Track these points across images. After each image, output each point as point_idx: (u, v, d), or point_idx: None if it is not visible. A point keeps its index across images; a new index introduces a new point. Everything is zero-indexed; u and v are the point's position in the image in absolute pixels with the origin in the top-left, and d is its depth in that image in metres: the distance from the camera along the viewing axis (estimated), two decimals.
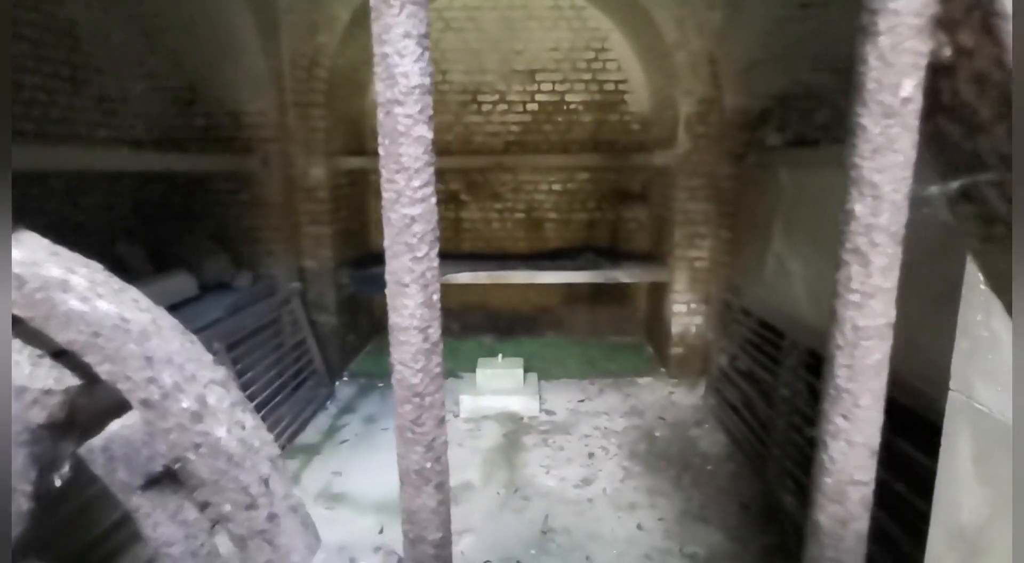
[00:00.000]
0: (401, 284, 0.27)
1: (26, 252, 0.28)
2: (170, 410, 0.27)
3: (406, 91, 0.25)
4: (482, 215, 5.69)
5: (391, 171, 0.26)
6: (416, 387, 0.28)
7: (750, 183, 4.10)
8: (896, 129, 0.24)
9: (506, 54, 5.39)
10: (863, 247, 0.25)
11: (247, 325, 3.98)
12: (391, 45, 0.25)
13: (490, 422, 4.18)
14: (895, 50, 0.24)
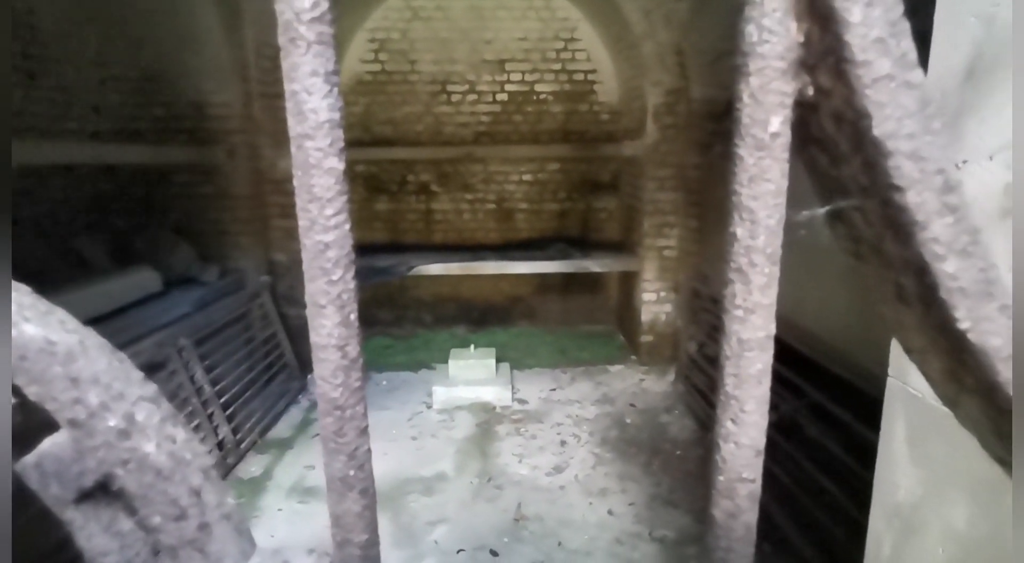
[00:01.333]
0: (318, 305, 0.29)
1: None
2: (97, 428, 0.28)
3: (315, 126, 0.27)
4: (453, 206, 5.68)
5: (304, 200, 0.28)
6: (337, 401, 0.30)
7: (718, 173, 4.17)
8: (767, 161, 0.27)
9: (475, 44, 5.36)
10: (744, 267, 0.28)
11: (216, 320, 3.93)
12: (299, 82, 0.26)
13: (463, 412, 4.21)
14: (763, 90, 0.26)
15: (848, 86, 0.24)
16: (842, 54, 0.24)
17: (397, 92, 5.45)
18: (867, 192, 0.26)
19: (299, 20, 0.25)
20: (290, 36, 0.25)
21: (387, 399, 4.43)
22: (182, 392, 3.40)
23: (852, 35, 0.23)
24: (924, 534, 1.02)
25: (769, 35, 0.26)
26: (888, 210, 0.25)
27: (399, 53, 5.39)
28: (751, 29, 0.26)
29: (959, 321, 0.26)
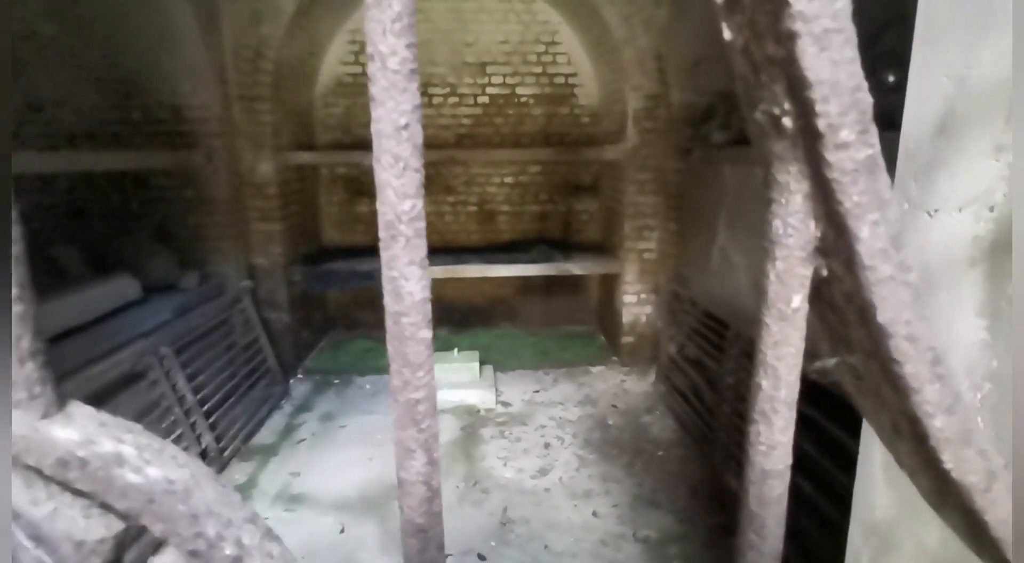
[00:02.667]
0: (408, 449, 0.32)
1: (81, 430, 0.33)
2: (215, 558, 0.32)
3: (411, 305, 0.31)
4: (435, 208, 5.70)
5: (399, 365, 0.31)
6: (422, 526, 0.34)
7: (696, 178, 4.26)
8: (789, 329, 0.32)
9: (456, 46, 5.37)
10: (768, 412, 0.33)
11: (196, 326, 3.91)
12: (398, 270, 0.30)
13: (447, 416, 4.25)
14: (787, 273, 0.31)
15: (856, 281, 0.29)
16: (852, 257, 0.29)
17: None
18: (870, 355, 0.31)
19: (400, 220, 0.29)
20: (391, 233, 0.29)
21: (371, 403, 4.45)
22: (164, 401, 3.38)
23: (861, 246, 0.28)
24: (899, 552, 1.10)
25: (792, 230, 0.31)
26: (888, 374, 0.31)
27: None
28: (777, 223, 0.31)
29: (944, 462, 0.31)
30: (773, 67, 0.30)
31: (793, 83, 0.28)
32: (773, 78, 0.30)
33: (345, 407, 4.38)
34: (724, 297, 3.75)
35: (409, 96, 0.28)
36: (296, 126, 4.98)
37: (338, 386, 4.74)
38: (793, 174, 0.31)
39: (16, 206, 0.30)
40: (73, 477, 0.31)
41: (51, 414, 0.32)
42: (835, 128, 0.28)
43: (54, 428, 0.31)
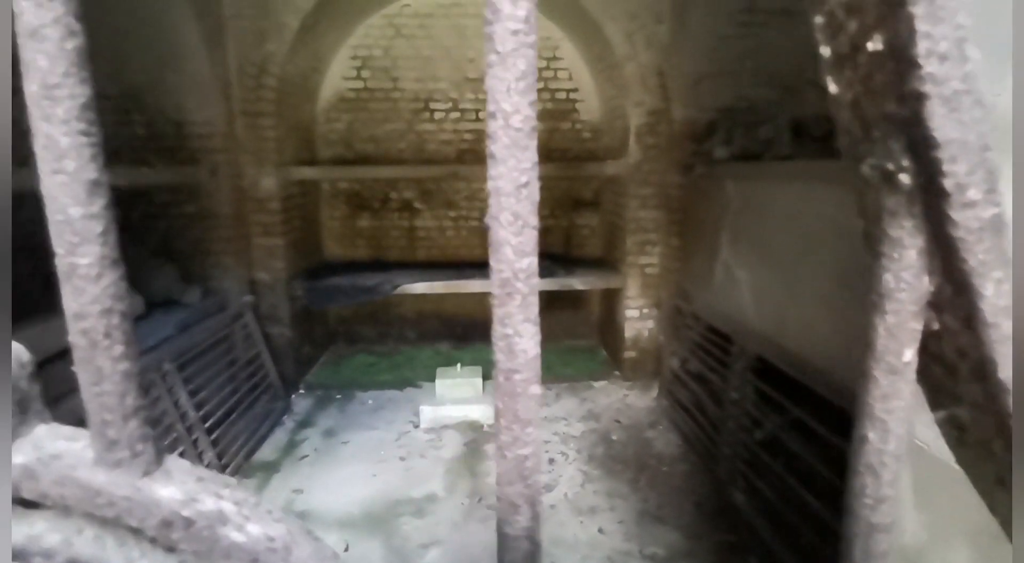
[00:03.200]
0: (514, 504, 0.32)
1: (182, 488, 0.32)
2: None
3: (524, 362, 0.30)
4: (436, 223, 5.70)
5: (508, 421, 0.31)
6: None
7: (698, 193, 4.28)
8: (899, 383, 0.32)
9: (458, 62, 5.40)
10: (875, 465, 0.33)
11: (198, 342, 3.88)
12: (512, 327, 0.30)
13: (451, 432, 4.23)
14: (898, 327, 0.31)
15: (976, 338, 0.29)
16: (974, 314, 0.29)
17: (380, 109, 5.46)
18: (983, 409, 0.31)
19: (516, 278, 0.29)
20: (507, 290, 0.29)
21: (374, 419, 4.42)
22: (167, 418, 3.35)
23: (984, 304, 0.28)
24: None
25: (905, 285, 0.31)
26: (1003, 428, 0.30)
27: (382, 70, 5.40)
28: (888, 277, 0.31)
29: None
30: (890, 124, 0.30)
31: (917, 142, 0.28)
32: (889, 135, 0.30)
33: (347, 423, 4.35)
34: (728, 312, 3.75)
35: (529, 154, 0.28)
36: (298, 141, 4.99)
37: (340, 401, 4.71)
38: (907, 229, 0.30)
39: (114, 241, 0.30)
40: (177, 538, 0.30)
41: (151, 472, 0.31)
42: (963, 187, 0.28)
43: (156, 487, 0.31)
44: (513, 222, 0.28)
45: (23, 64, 0.26)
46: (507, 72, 0.27)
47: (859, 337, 1.16)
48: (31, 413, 0.32)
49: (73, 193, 0.28)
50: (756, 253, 3.45)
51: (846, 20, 0.30)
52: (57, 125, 0.27)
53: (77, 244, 0.28)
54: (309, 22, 4.36)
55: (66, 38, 0.26)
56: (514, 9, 0.26)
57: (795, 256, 2.99)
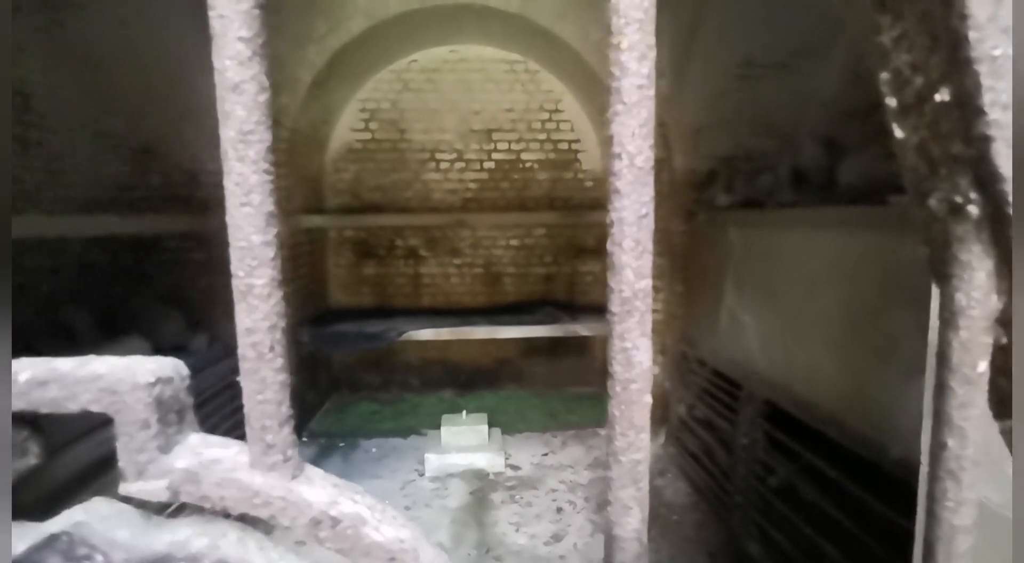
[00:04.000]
0: (619, 541, 0.35)
1: (325, 491, 0.35)
2: None
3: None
4: (441, 270, 5.77)
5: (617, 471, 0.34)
6: None
7: (702, 240, 4.37)
8: (974, 392, 0.35)
9: (464, 114, 5.59)
10: (955, 470, 0.36)
11: (204, 389, 3.86)
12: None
13: (456, 480, 4.16)
14: (971, 341, 0.35)
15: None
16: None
17: (387, 159, 5.60)
18: None
19: (636, 297, 0.33)
20: (627, 308, 0.33)
21: (378, 468, 4.35)
22: None
23: None
24: None
25: (975, 303, 0.35)
26: None
27: (389, 122, 5.57)
28: (960, 296, 0.35)
29: None
30: (957, 163, 0.34)
31: (984, 177, 0.33)
32: (956, 172, 0.34)
33: (351, 472, 4.28)
34: (734, 357, 3.77)
35: (649, 189, 0.33)
36: (307, 190, 5.10)
37: (343, 449, 4.64)
38: (976, 253, 0.35)
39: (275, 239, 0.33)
40: (324, 536, 0.33)
41: (297, 476, 0.34)
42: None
43: (304, 489, 0.33)
44: (634, 247, 0.32)
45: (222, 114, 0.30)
46: (632, 120, 0.32)
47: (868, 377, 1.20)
48: (186, 423, 0.35)
49: (256, 223, 0.32)
50: (761, 298, 3.50)
51: (912, 76, 0.35)
52: (249, 164, 0.31)
53: (255, 267, 0.32)
54: (321, 77, 4.53)
55: (260, 92, 0.31)
56: (639, 67, 0.31)
57: (801, 300, 3.04)
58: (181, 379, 0.34)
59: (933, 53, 0.34)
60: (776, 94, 4.25)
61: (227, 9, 0.30)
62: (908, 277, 2.24)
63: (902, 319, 2.29)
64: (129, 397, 0.31)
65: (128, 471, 0.34)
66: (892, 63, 0.36)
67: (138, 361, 0.33)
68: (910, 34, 0.35)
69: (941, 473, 0.37)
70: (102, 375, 0.32)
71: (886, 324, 2.39)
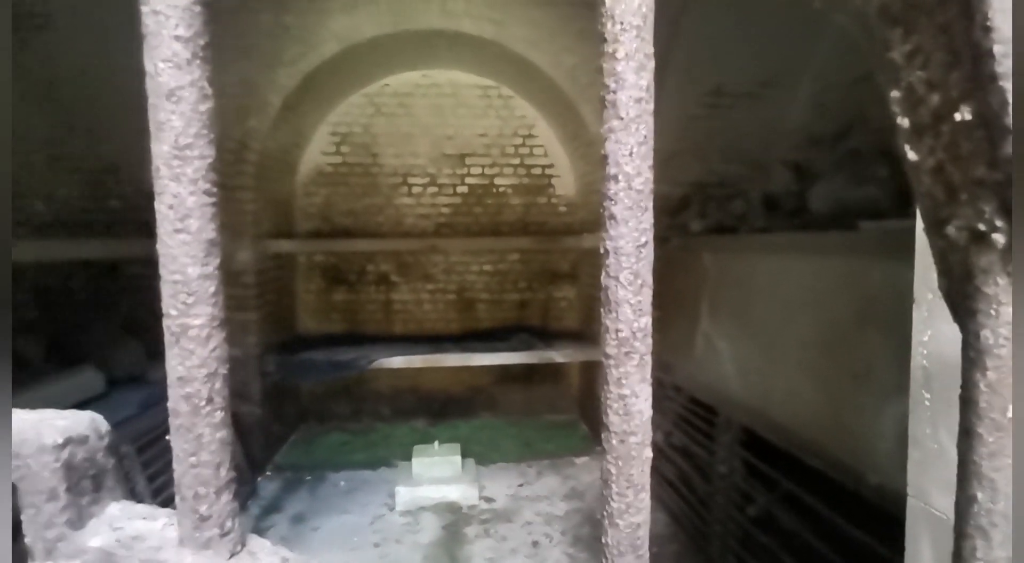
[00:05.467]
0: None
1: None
2: None
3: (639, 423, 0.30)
4: (413, 296, 5.68)
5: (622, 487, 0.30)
6: None
7: (676, 265, 4.39)
8: (1005, 439, 0.32)
9: (437, 139, 5.58)
10: (986, 527, 0.32)
11: (162, 422, 3.67)
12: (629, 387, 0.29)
13: (428, 514, 4.03)
14: (1000, 384, 0.32)
15: None
16: None
17: (358, 184, 5.55)
18: None
19: (635, 337, 0.29)
20: (625, 349, 0.29)
21: (346, 502, 4.20)
22: None
23: None
24: None
25: (1004, 341, 0.31)
26: None
27: (361, 146, 5.53)
28: (987, 334, 0.32)
29: None
30: (980, 188, 0.31)
31: (1011, 202, 0.30)
32: (978, 197, 0.31)
33: (318, 507, 4.12)
34: (710, 383, 3.76)
35: (648, 215, 0.29)
36: (276, 214, 5.00)
37: (310, 483, 4.47)
38: (1003, 286, 0.31)
39: None
40: None
41: (237, 552, 0.29)
42: None
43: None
44: (633, 281, 0.28)
45: (155, 124, 0.26)
46: (630, 137, 0.28)
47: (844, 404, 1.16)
48: (104, 490, 0.29)
49: (192, 252, 0.27)
50: (737, 323, 3.51)
51: (927, 94, 0.32)
52: (185, 184, 0.26)
53: (191, 305, 0.27)
54: (292, 100, 4.48)
55: (200, 101, 0.27)
56: (637, 79, 0.28)
57: (776, 326, 3.05)
58: (99, 438, 0.29)
59: (952, 69, 0.31)
60: (746, 121, 4.35)
61: (162, 4, 0.26)
62: (880, 302, 2.26)
63: (876, 344, 2.30)
64: (34, 461, 0.26)
65: (35, 549, 0.28)
66: (904, 80, 0.34)
67: (46, 417, 0.28)
68: (925, 48, 0.32)
69: (970, 530, 0.33)
70: None
71: (860, 349, 2.40)
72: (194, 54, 0.26)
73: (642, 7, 0.29)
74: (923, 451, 1.13)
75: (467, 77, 5.48)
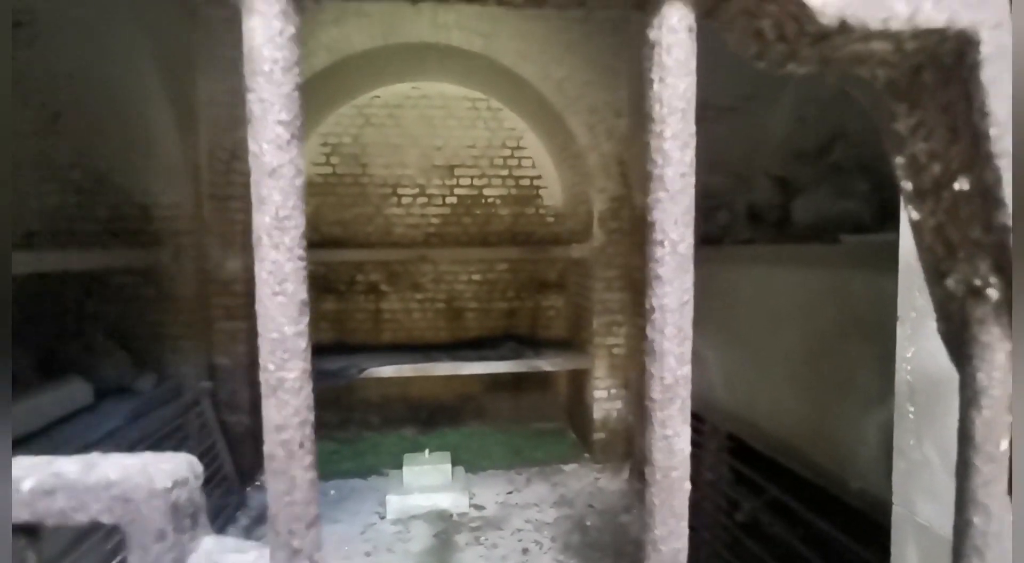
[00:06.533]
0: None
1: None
2: None
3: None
4: (403, 305, 5.69)
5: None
6: None
7: None
8: (998, 470, 0.36)
9: (426, 150, 5.61)
10: (981, 547, 0.36)
11: (150, 433, 3.66)
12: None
13: (419, 522, 4.04)
14: (995, 420, 0.36)
15: None
16: None
17: (348, 194, 5.55)
18: None
19: (678, 383, 0.32)
20: (669, 395, 0.32)
21: (337, 511, 4.19)
22: None
23: None
24: None
25: (997, 383, 0.36)
26: None
27: (351, 157, 5.54)
28: (982, 376, 0.36)
29: None
30: (977, 247, 0.35)
31: (1003, 263, 0.34)
32: (975, 255, 0.36)
33: None
34: (698, 391, 3.80)
35: (689, 277, 0.32)
36: None
37: None
38: (996, 335, 0.36)
39: None
40: None
41: None
42: None
43: None
44: (676, 334, 0.32)
45: (257, 198, 0.29)
46: (676, 207, 0.32)
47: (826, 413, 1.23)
48: (199, 527, 0.32)
49: (288, 313, 0.30)
50: (723, 333, 3.57)
51: (929, 163, 0.37)
52: (284, 252, 0.30)
53: (287, 359, 0.30)
54: None
55: (296, 175, 0.30)
56: (682, 156, 0.31)
57: (762, 336, 3.12)
58: (196, 478, 0.32)
59: (953, 144, 0.35)
60: (730, 134, 4.43)
61: (268, 92, 0.29)
62: (862, 313, 2.33)
63: (858, 354, 2.37)
64: (145, 506, 0.29)
65: None
66: (908, 150, 0.38)
67: (151, 462, 0.30)
68: (928, 123, 0.36)
69: (967, 550, 0.37)
70: (115, 482, 0.29)
71: (843, 359, 2.47)
72: (293, 135, 0.29)
73: (687, 92, 0.32)
74: (908, 461, 1.18)
75: (456, 89, 5.52)
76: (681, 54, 0.32)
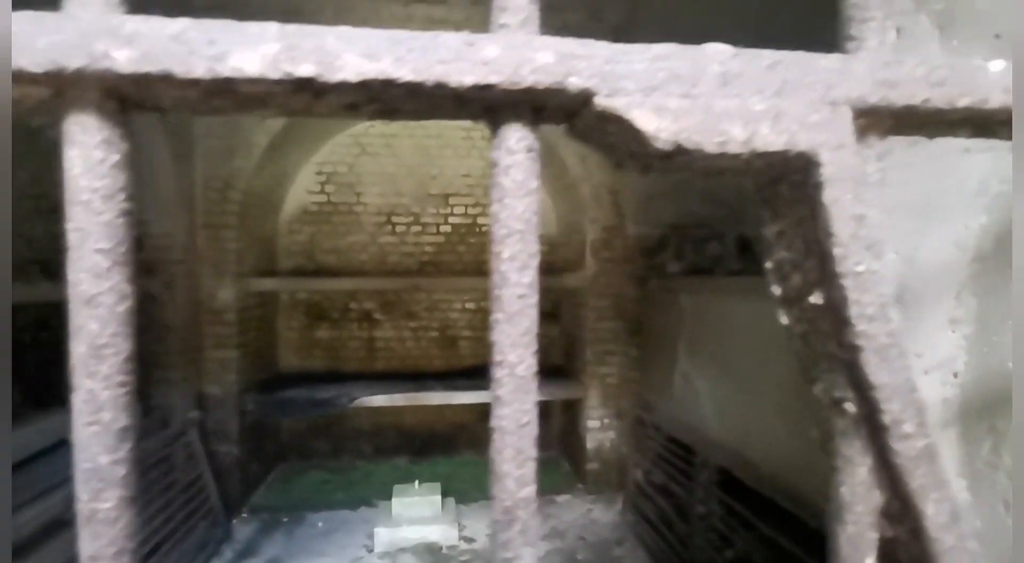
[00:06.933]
0: None
1: None
2: None
3: None
4: (396, 334, 5.68)
5: None
6: None
7: (654, 305, 4.44)
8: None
9: (421, 179, 5.65)
10: None
11: (144, 457, 3.63)
12: None
13: (408, 556, 3.97)
14: (858, 536, 0.35)
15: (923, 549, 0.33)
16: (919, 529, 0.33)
17: (343, 222, 5.58)
18: None
19: (517, 507, 0.32)
20: (508, 518, 0.31)
21: (324, 544, 4.12)
22: None
23: (927, 522, 0.32)
24: None
25: (859, 497, 0.35)
26: None
27: (346, 185, 5.58)
28: (845, 490, 0.35)
29: None
30: (835, 362, 0.35)
31: (858, 382, 0.33)
32: (835, 368, 0.35)
33: (294, 550, 4.04)
34: (689, 422, 3.78)
35: (531, 397, 0.32)
36: (260, 252, 5.01)
37: (287, 525, 4.39)
38: (857, 448, 0.35)
39: None
40: None
41: None
42: (898, 422, 0.32)
43: None
44: (516, 456, 0.31)
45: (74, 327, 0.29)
46: (513, 329, 0.31)
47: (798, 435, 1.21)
48: None
49: (104, 442, 0.29)
50: (714, 364, 3.55)
51: (791, 273, 0.36)
52: (99, 381, 0.29)
53: (101, 490, 0.29)
54: (278, 141, 4.54)
55: (118, 302, 0.30)
56: (520, 277, 0.31)
57: (753, 368, 3.09)
58: None
59: (808, 257, 0.35)
60: None
61: (86, 222, 0.29)
62: None
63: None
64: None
65: None
66: (775, 256, 0.38)
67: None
68: (788, 234, 0.36)
69: None
70: None
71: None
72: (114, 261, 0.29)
73: (526, 213, 0.32)
74: None
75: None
76: (519, 175, 0.32)
